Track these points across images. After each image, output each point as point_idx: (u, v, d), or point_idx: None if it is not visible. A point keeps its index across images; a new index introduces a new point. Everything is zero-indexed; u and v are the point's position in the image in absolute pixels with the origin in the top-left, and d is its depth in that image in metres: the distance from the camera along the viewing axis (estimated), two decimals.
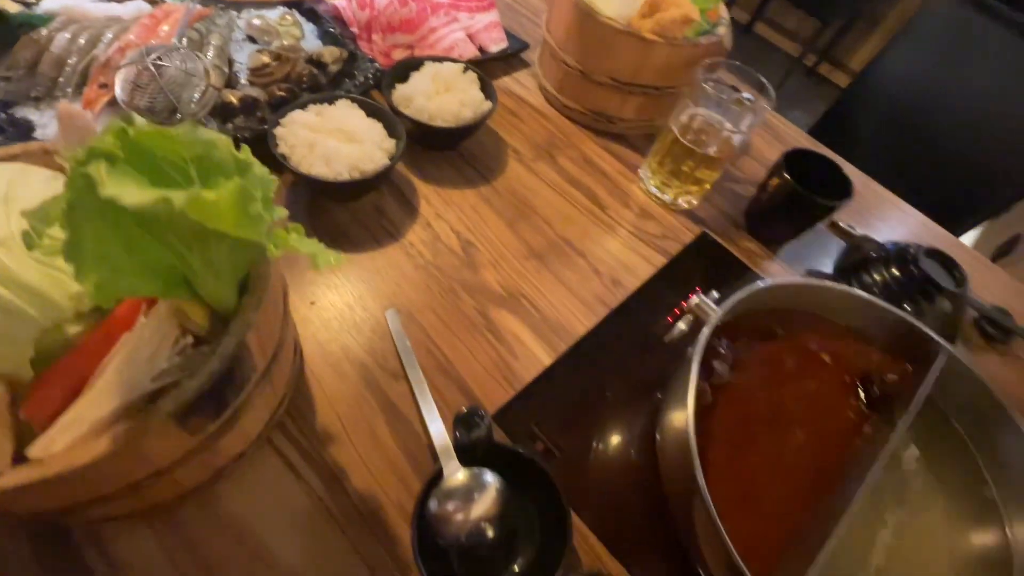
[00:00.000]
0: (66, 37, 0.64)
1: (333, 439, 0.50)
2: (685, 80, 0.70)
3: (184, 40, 0.65)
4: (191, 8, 0.69)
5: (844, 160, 0.79)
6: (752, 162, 0.87)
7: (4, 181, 0.35)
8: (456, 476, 0.45)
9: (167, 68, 0.61)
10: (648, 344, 0.62)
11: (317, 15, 0.82)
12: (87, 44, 0.65)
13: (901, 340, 0.52)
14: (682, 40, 0.71)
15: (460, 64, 0.74)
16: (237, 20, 0.77)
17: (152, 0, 0.73)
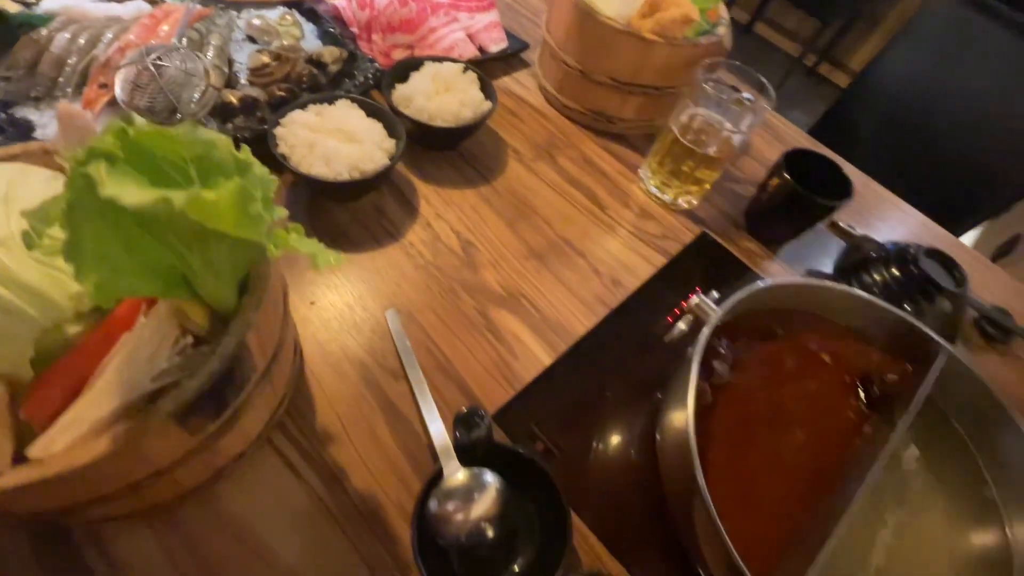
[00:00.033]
0: (66, 37, 0.64)
1: (333, 439, 0.50)
2: (685, 80, 0.70)
3: (184, 40, 0.65)
4: (191, 8, 0.69)
5: (844, 160, 0.79)
6: (752, 162, 0.87)
7: (4, 181, 0.35)
8: (456, 476, 0.45)
9: (167, 68, 0.61)
10: (648, 344, 0.62)
11: (317, 15, 0.82)
12: (87, 44, 0.65)
13: (901, 340, 0.52)
14: (682, 40, 0.71)
15: (460, 64, 0.74)
16: (237, 20, 0.77)
17: (152, 0, 0.73)
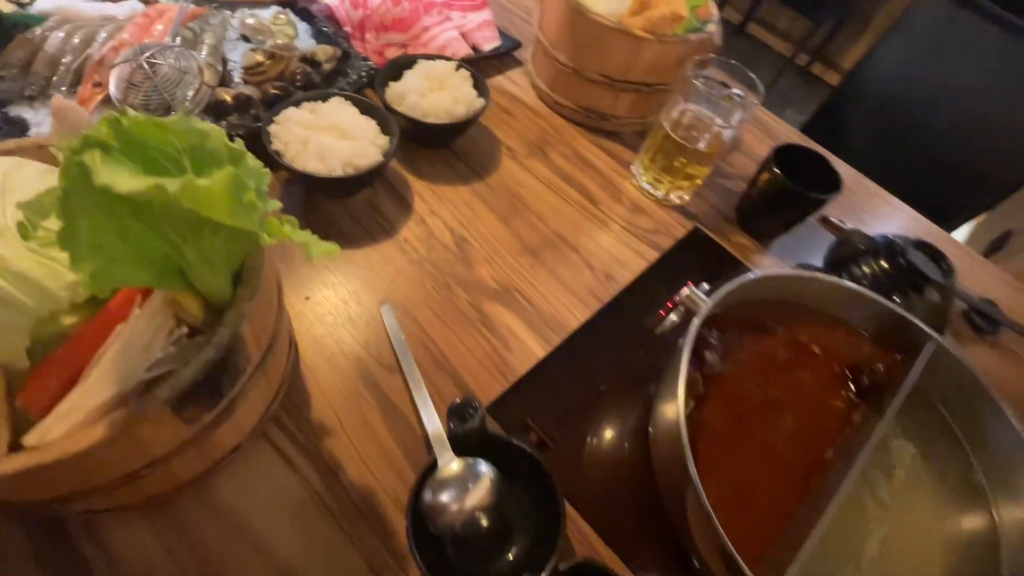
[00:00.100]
0: (60, 36, 0.64)
1: (328, 432, 0.51)
2: (676, 77, 0.71)
3: (178, 39, 0.66)
4: (185, 7, 0.69)
5: (835, 156, 0.80)
6: (743, 158, 0.87)
7: (0, 173, 0.35)
8: (450, 466, 0.45)
9: (161, 66, 0.61)
10: (641, 338, 0.63)
11: (311, 14, 0.83)
12: (81, 43, 0.65)
13: (890, 331, 0.53)
14: (672, 37, 0.72)
15: (453, 62, 0.75)
16: (231, 19, 0.77)
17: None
